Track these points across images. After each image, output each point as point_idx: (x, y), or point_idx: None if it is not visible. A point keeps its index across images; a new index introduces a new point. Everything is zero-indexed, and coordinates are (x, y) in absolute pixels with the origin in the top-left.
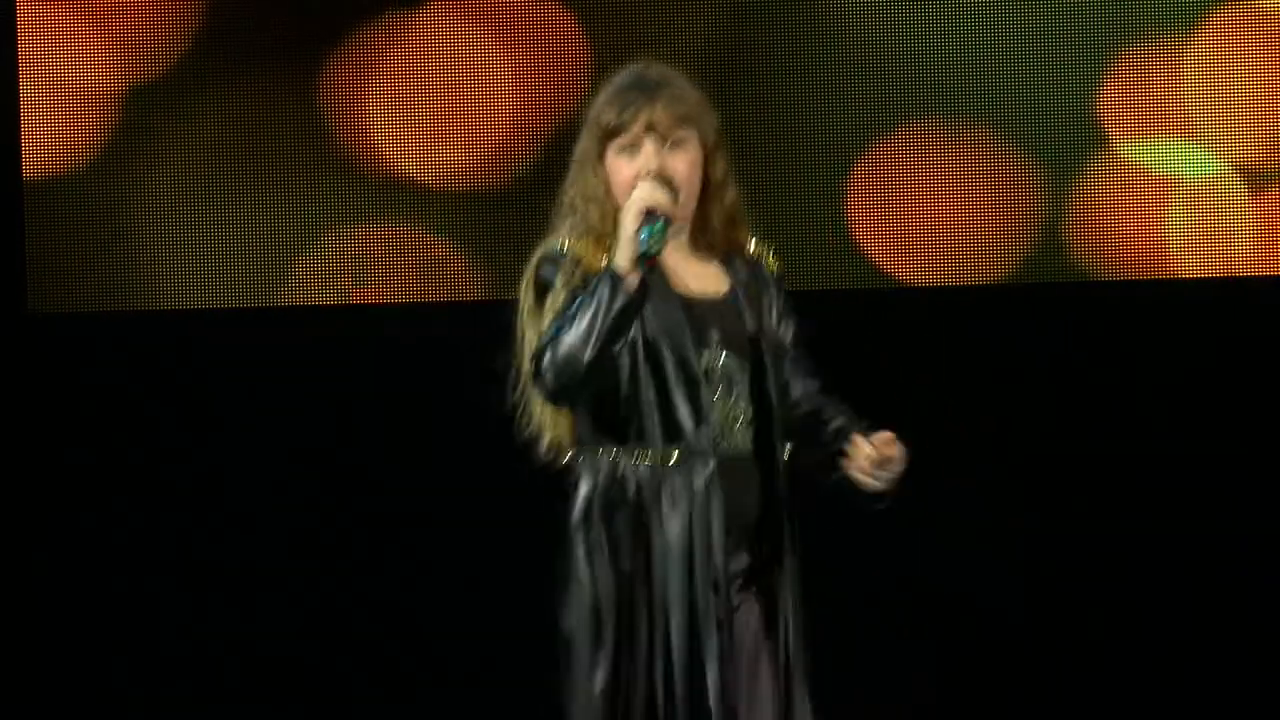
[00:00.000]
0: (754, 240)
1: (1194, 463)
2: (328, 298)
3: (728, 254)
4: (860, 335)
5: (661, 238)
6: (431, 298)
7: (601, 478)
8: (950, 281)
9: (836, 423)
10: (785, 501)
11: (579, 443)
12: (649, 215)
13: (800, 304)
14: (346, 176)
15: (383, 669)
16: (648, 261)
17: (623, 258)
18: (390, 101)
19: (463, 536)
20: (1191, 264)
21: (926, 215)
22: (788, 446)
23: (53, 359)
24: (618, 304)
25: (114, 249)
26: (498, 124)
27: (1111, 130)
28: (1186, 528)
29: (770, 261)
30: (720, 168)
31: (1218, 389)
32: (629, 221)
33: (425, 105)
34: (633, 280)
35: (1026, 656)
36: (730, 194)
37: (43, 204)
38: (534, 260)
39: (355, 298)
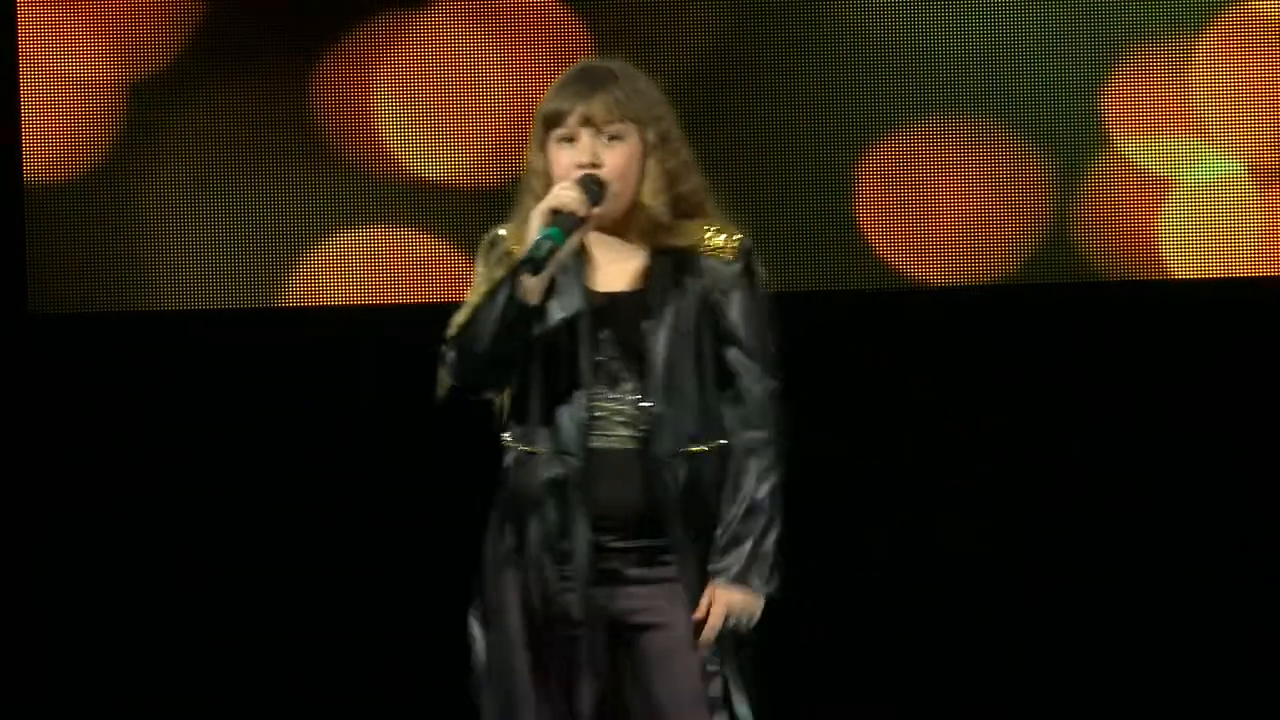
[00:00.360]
0: (717, 234)
1: (1195, 463)
2: (328, 298)
3: (664, 250)
4: (861, 335)
5: (554, 249)
6: (431, 298)
7: (505, 467)
8: (954, 280)
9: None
10: (684, 499)
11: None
12: (556, 216)
13: (802, 304)
14: (347, 176)
15: (383, 669)
16: (532, 269)
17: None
18: (391, 101)
19: (462, 537)
20: (1197, 264)
21: (931, 213)
22: (692, 442)
23: (53, 359)
24: (514, 307)
25: (114, 249)
26: (499, 123)
27: (1118, 130)
28: (1186, 528)
29: (729, 249)
30: (656, 167)
31: (1221, 390)
32: (535, 221)
33: (426, 104)
34: (530, 284)
35: (1026, 656)
36: (661, 196)
37: (43, 204)
38: (481, 247)
39: (355, 298)
